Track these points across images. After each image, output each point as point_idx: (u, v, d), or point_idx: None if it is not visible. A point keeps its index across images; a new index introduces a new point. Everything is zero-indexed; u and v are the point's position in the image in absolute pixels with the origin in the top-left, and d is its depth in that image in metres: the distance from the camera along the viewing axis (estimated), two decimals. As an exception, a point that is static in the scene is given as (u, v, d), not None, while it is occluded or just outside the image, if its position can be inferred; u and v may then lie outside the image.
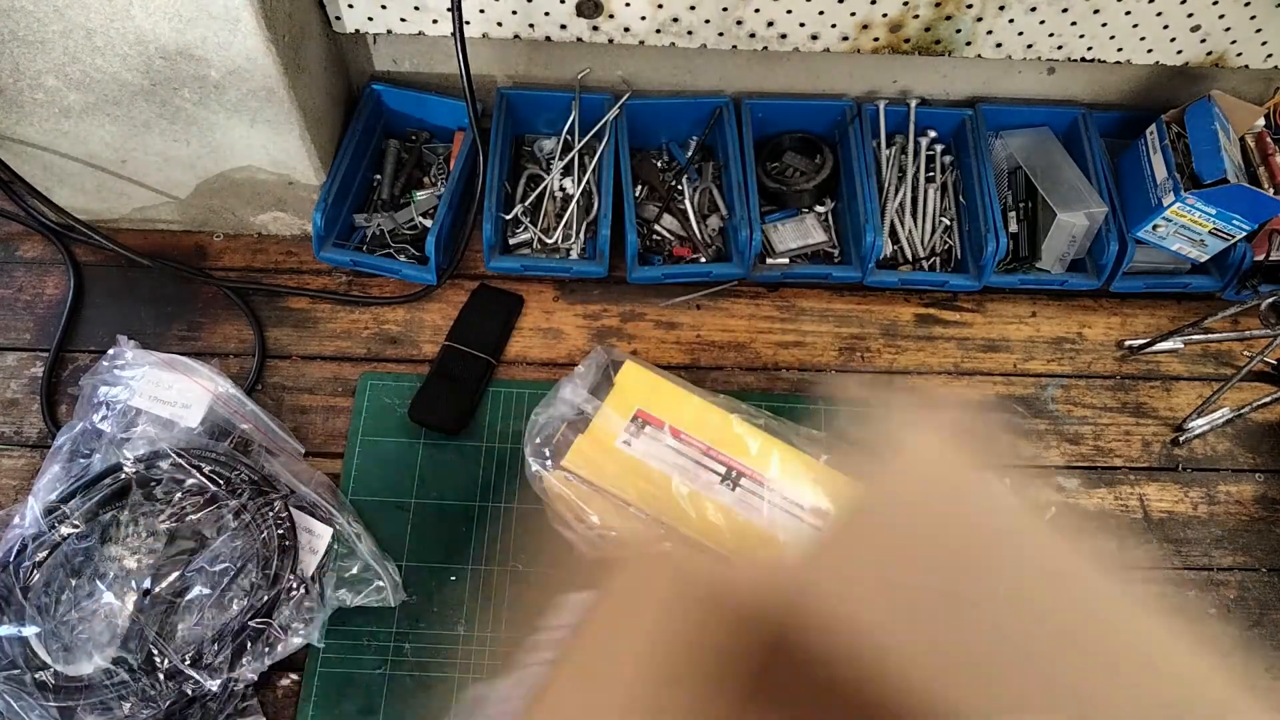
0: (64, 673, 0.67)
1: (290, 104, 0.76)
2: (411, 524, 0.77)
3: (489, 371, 0.84)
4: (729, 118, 0.92)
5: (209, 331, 0.86)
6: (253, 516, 0.72)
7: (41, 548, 0.70)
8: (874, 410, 0.50)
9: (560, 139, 0.93)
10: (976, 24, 0.82)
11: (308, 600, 0.71)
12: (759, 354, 0.87)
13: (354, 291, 0.88)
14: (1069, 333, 0.90)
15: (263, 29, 0.69)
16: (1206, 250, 0.86)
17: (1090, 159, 0.90)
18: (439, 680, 0.71)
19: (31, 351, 0.84)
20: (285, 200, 0.87)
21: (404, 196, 0.93)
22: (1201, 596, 0.78)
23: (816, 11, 0.81)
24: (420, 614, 0.74)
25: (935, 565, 0.40)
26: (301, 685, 0.71)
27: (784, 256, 0.90)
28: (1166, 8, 0.81)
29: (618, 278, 0.89)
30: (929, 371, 0.87)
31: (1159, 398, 0.87)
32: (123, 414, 0.75)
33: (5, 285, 0.87)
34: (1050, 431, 0.85)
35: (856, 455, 0.75)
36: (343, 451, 0.80)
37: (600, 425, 0.76)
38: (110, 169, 0.83)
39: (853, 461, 0.75)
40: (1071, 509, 0.82)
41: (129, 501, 0.73)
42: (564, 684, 0.38)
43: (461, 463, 0.80)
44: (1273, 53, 0.85)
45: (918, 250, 0.92)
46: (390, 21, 0.83)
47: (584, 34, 0.83)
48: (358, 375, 0.84)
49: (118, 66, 0.72)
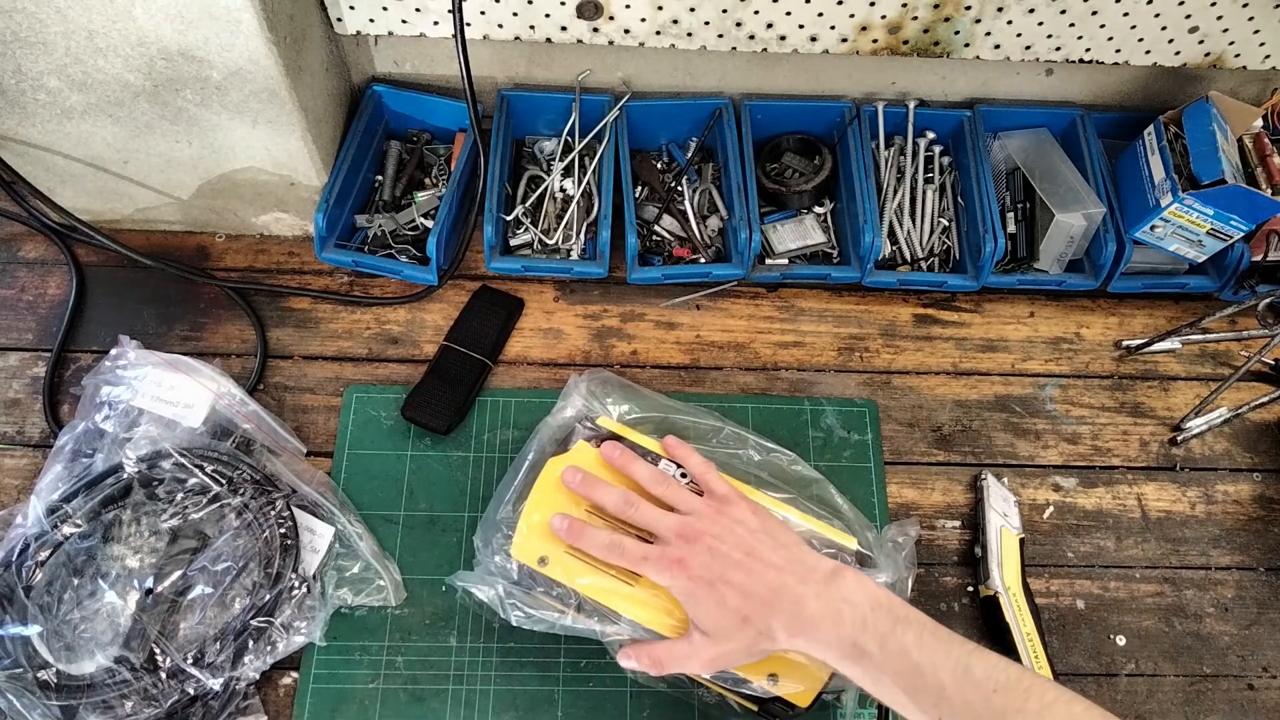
0: (66, 672, 0.67)
1: (292, 105, 0.76)
2: (401, 536, 0.77)
3: (484, 373, 0.84)
4: (728, 119, 0.92)
5: (211, 332, 0.86)
6: (255, 516, 0.72)
7: (44, 547, 0.70)
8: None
9: (561, 140, 0.93)
10: (975, 26, 0.82)
11: (309, 599, 0.72)
12: (758, 354, 0.88)
13: (355, 292, 0.89)
14: (1067, 333, 0.90)
15: (264, 30, 0.69)
16: (1204, 251, 0.86)
17: (1088, 160, 0.90)
18: (432, 693, 0.71)
19: (34, 351, 0.84)
20: (287, 201, 0.87)
21: (405, 197, 0.93)
22: (1199, 596, 0.79)
23: (815, 14, 0.81)
24: (411, 627, 0.74)
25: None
26: (294, 702, 0.71)
27: (783, 257, 0.91)
28: (1164, 9, 0.81)
29: (618, 278, 0.90)
30: (927, 371, 0.88)
31: (1157, 397, 0.88)
32: (125, 414, 0.76)
33: (8, 285, 0.87)
34: (1048, 431, 0.85)
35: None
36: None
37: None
38: (112, 170, 0.83)
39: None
40: (1069, 508, 0.82)
41: (131, 501, 0.73)
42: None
43: (450, 474, 0.80)
44: (1270, 54, 0.85)
45: (916, 251, 0.92)
46: (391, 23, 0.84)
47: (584, 36, 0.84)
48: (357, 377, 0.84)
49: (120, 68, 0.72)
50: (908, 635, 0.57)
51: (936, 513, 0.81)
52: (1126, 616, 0.78)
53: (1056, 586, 0.78)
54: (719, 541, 0.62)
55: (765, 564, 0.61)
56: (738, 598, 0.60)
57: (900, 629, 0.57)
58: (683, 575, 0.61)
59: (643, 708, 0.72)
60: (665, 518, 0.64)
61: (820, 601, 0.59)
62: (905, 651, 0.56)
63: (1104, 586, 0.79)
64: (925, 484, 0.82)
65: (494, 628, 0.74)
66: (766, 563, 0.61)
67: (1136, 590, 0.79)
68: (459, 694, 0.71)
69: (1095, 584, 0.79)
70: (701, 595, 0.61)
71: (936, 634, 0.57)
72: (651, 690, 0.72)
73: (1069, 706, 0.53)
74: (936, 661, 0.55)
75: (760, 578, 0.60)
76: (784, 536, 0.64)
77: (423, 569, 0.76)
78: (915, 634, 0.57)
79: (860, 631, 0.57)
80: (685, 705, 0.71)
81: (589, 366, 0.86)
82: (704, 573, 0.61)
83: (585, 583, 0.65)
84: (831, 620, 0.58)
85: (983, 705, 0.53)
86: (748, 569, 0.61)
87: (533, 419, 0.79)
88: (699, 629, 0.61)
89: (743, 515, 0.64)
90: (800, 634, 0.59)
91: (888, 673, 0.56)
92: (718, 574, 0.61)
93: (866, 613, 0.58)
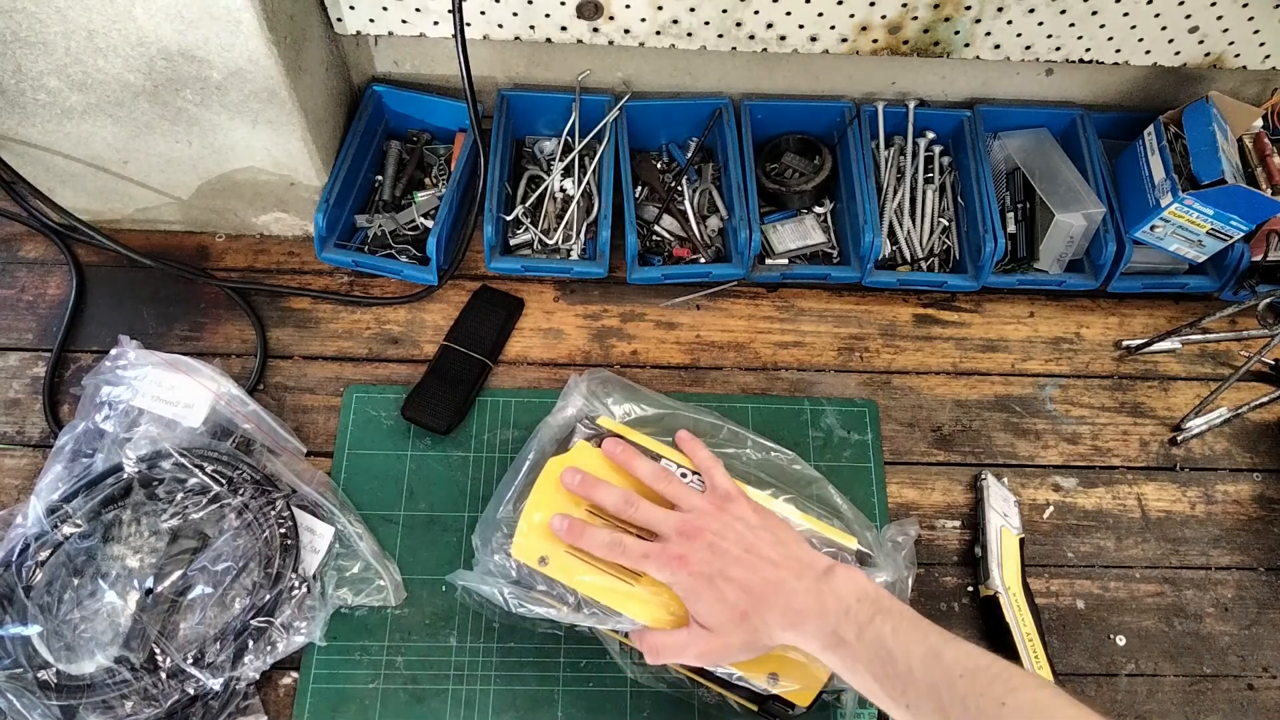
0: (66, 672, 0.67)
1: (292, 105, 0.76)
2: (401, 536, 0.77)
3: (485, 373, 0.84)
4: (728, 119, 0.92)
5: (211, 332, 0.86)
6: (255, 515, 0.72)
7: (44, 547, 0.70)
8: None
9: (561, 140, 0.93)
10: (975, 25, 0.82)
11: (309, 599, 0.72)
12: (758, 354, 0.88)
13: (355, 292, 0.89)
14: (1067, 333, 0.90)
15: (264, 30, 0.69)
16: (1204, 251, 0.86)
17: (1088, 160, 0.90)
18: (432, 693, 0.71)
19: (34, 351, 0.84)
20: (287, 201, 0.87)
21: (405, 197, 0.93)
22: (1199, 596, 0.79)
23: (815, 14, 0.81)
24: (411, 627, 0.74)
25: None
26: (294, 702, 0.71)
27: (783, 257, 0.91)
28: (1164, 9, 0.81)
29: (618, 278, 0.90)
30: (927, 371, 0.88)
31: (1157, 397, 0.88)
32: (125, 414, 0.76)
33: (8, 285, 0.87)
34: (1048, 431, 0.85)
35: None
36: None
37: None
38: (112, 170, 0.83)
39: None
40: (1069, 508, 0.82)
41: (131, 501, 0.73)
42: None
43: (450, 474, 0.80)
44: (1270, 54, 0.85)
45: (916, 251, 0.92)
46: (391, 23, 0.84)
47: (584, 36, 0.84)
48: (357, 377, 0.84)
49: (120, 68, 0.72)
50: (886, 624, 0.57)
51: (936, 513, 0.81)
52: (1126, 616, 0.78)
53: (1056, 586, 0.78)
54: (719, 538, 0.62)
55: (764, 560, 0.62)
56: (737, 593, 0.60)
57: (880, 619, 0.58)
58: (683, 571, 0.62)
59: (643, 708, 0.72)
60: (667, 516, 0.65)
61: (810, 595, 0.60)
62: (881, 639, 0.57)
63: (1104, 586, 0.79)
64: (925, 484, 0.82)
65: (494, 628, 0.74)
66: (765, 559, 0.62)
67: (1136, 590, 0.79)
68: (459, 694, 0.71)
69: (1095, 584, 0.79)
70: (701, 591, 0.61)
71: (916, 623, 0.58)
72: (651, 690, 0.72)
73: (1035, 693, 0.53)
74: (909, 648, 0.56)
75: (758, 573, 0.61)
76: (784, 534, 0.64)
77: (423, 569, 0.76)
78: (894, 623, 0.57)
79: (842, 621, 0.58)
80: (685, 705, 0.71)
81: (589, 366, 0.86)
82: (704, 569, 0.61)
83: (586, 581, 0.65)
84: (817, 611, 0.59)
85: (947, 690, 0.54)
86: (747, 565, 0.61)
87: (533, 419, 0.79)
88: (698, 623, 0.62)
89: (744, 512, 0.65)
90: (790, 626, 0.60)
91: (862, 660, 0.57)
92: (717, 570, 0.61)
93: (851, 603, 0.59)
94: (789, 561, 0.62)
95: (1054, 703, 0.53)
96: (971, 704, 0.52)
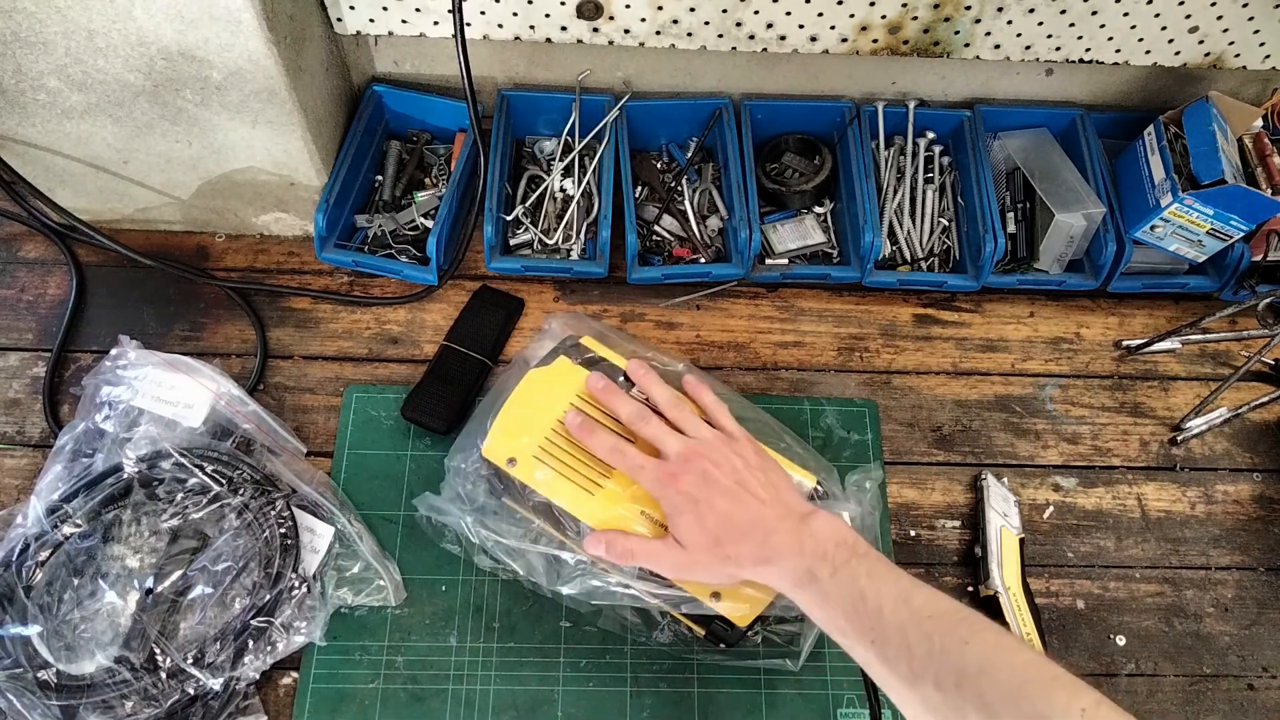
0: (66, 671, 0.67)
1: (292, 105, 0.76)
2: (401, 536, 0.77)
3: (484, 373, 0.84)
4: (728, 119, 0.92)
5: (211, 332, 0.86)
6: (255, 515, 0.72)
7: (44, 547, 0.70)
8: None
9: (561, 140, 0.93)
10: (974, 26, 0.82)
11: (309, 599, 0.72)
12: (758, 354, 0.88)
13: (355, 292, 0.89)
14: (1067, 333, 0.90)
15: (264, 30, 0.69)
16: (1204, 251, 0.86)
17: (1088, 160, 0.90)
18: (432, 693, 0.71)
19: (34, 351, 0.84)
20: (287, 201, 0.87)
21: (405, 197, 0.93)
22: (1199, 596, 0.79)
23: (815, 14, 0.81)
24: (411, 627, 0.74)
25: None
26: (294, 702, 0.71)
27: (783, 257, 0.91)
28: (1164, 9, 0.81)
29: (618, 278, 0.90)
30: (927, 371, 0.88)
31: (1157, 397, 0.88)
32: (125, 414, 0.76)
33: (8, 285, 0.87)
34: (1048, 431, 0.85)
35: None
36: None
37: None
38: (112, 170, 0.83)
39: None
40: (1069, 508, 0.82)
41: (131, 501, 0.73)
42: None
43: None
44: (1270, 54, 0.85)
45: (916, 251, 0.92)
46: (391, 23, 0.84)
47: (584, 36, 0.84)
48: (357, 377, 0.84)
49: (120, 68, 0.72)
50: (861, 567, 0.59)
51: (936, 513, 0.81)
52: (1126, 616, 0.78)
53: (1056, 586, 0.78)
54: (714, 467, 0.64)
55: (751, 496, 0.64)
56: (716, 521, 0.63)
57: (855, 561, 0.59)
58: (672, 488, 0.64)
59: (643, 708, 0.72)
60: (672, 436, 0.67)
61: (788, 535, 0.62)
62: (854, 579, 0.58)
63: (1104, 586, 0.79)
64: (925, 484, 0.82)
65: (494, 628, 0.74)
66: (753, 495, 0.64)
67: (1136, 590, 0.79)
68: (459, 694, 0.71)
69: (1095, 584, 0.79)
70: (685, 510, 0.63)
71: (890, 569, 0.60)
72: (652, 690, 0.72)
73: (998, 636, 0.55)
74: (881, 590, 0.57)
75: (742, 506, 0.63)
76: (777, 478, 0.66)
77: (423, 569, 0.76)
78: (868, 566, 0.59)
79: (818, 561, 0.60)
80: (686, 704, 0.71)
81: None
82: (692, 490, 0.64)
83: (547, 481, 0.67)
84: (794, 551, 0.61)
85: (914, 630, 0.55)
86: (734, 497, 0.63)
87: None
88: (675, 538, 0.64)
89: (744, 451, 0.67)
90: (763, 562, 0.62)
91: (834, 597, 0.59)
92: (704, 496, 0.63)
93: (829, 547, 0.60)
94: (775, 503, 0.64)
95: (1017, 645, 0.55)
96: (936, 641, 0.54)
